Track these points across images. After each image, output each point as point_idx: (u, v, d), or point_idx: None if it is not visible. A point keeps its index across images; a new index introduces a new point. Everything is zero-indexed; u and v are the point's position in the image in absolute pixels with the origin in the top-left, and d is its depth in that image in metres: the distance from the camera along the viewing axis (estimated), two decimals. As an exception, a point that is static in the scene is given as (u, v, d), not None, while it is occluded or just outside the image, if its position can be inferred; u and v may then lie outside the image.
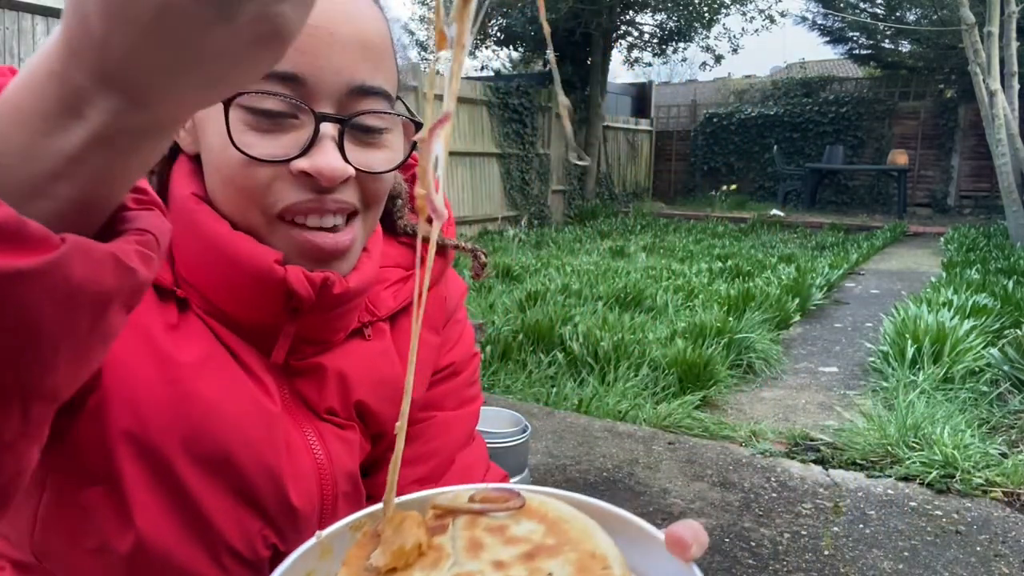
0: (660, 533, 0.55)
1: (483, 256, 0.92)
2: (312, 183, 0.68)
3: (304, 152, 0.67)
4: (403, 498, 0.56)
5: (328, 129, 0.68)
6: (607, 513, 0.58)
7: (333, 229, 0.71)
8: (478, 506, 0.55)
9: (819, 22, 18.03)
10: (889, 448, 3.11)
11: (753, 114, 18.18)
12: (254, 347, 0.75)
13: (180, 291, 0.73)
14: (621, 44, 15.51)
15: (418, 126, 0.75)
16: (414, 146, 0.75)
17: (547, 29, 0.46)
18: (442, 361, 0.92)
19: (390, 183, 0.76)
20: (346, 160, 0.69)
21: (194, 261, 0.72)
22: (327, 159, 0.67)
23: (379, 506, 0.54)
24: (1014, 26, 9.56)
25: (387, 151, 0.74)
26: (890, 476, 2.94)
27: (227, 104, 0.66)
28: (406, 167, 0.91)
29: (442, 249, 0.89)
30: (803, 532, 2.52)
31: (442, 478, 0.87)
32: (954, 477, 2.87)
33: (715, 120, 18.69)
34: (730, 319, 5.04)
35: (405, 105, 0.77)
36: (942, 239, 10.87)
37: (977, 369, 4.10)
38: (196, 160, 0.74)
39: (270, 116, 0.67)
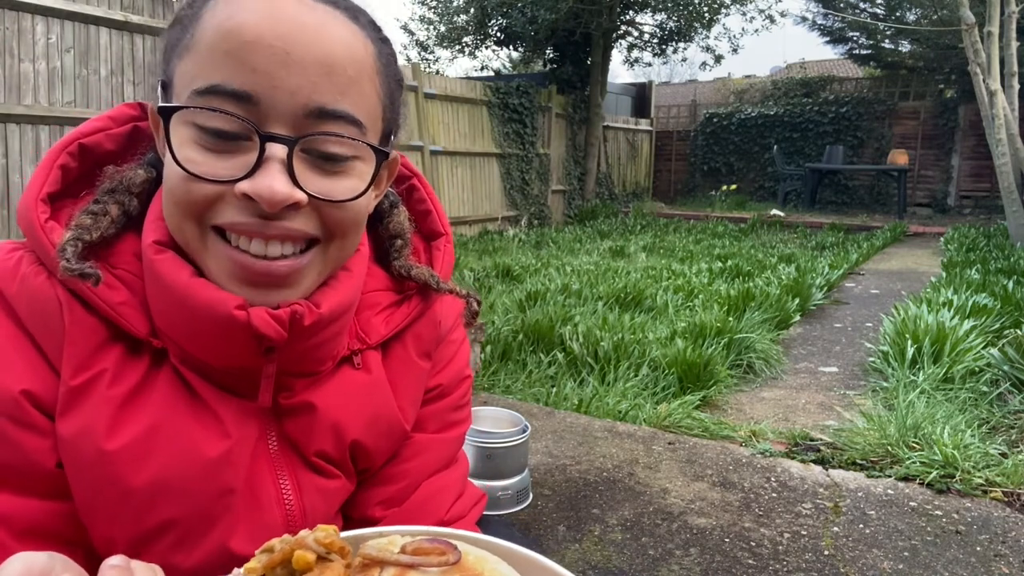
0: None
1: (476, 304, 0.89)
2: (256, 207, 0.65)
3: (249, 174, 0.64)
4: (344, 534, 0.54)
5: (276, 151, 0.64)
6: (548, 571, 0.55)
7: (279, 258, 0.67)
8: (407, 559, 0.51)
9: (819, 22, 18.03)
10: (889, 448, 3.11)
11: (753, 114, 18.18)
12: (237, 392, 0.73)
13: (157, 341, 0.71)
14: (621, 44, 15.51)
15: (381, 155, 0.71)
16: (375, 175, 0.71)
17: None
18: (430, 382, 0.88)
19: (359, 212, 0.72)
20: (297, 184, 0.65)
21: (163, 310, 0.69)
22: (268, 182, 0.63)
23: (294, 536, 0.52)
24: (1014, 26, 9.56)
25: (352, 179, 0.69)
26: (890, 476, 2.93)
27: (167, 117, 0.64)
28: (418, 201, 0.89)
29: (426, 288, 0.85)
30: (803, 532, 2.52)
31: (406, 500, 0.84)
32: (954, 477, 2.86)
33: (715, 120, 18.69)
34: (730, 319, 5.04)
35: (371, 145, 0.71)
36: (942, 239, 10.87)
37: (977, 369, 4.09)
38: None
39: (218, 136, 0.64)
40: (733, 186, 17.05)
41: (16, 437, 0.65)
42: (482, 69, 17.70)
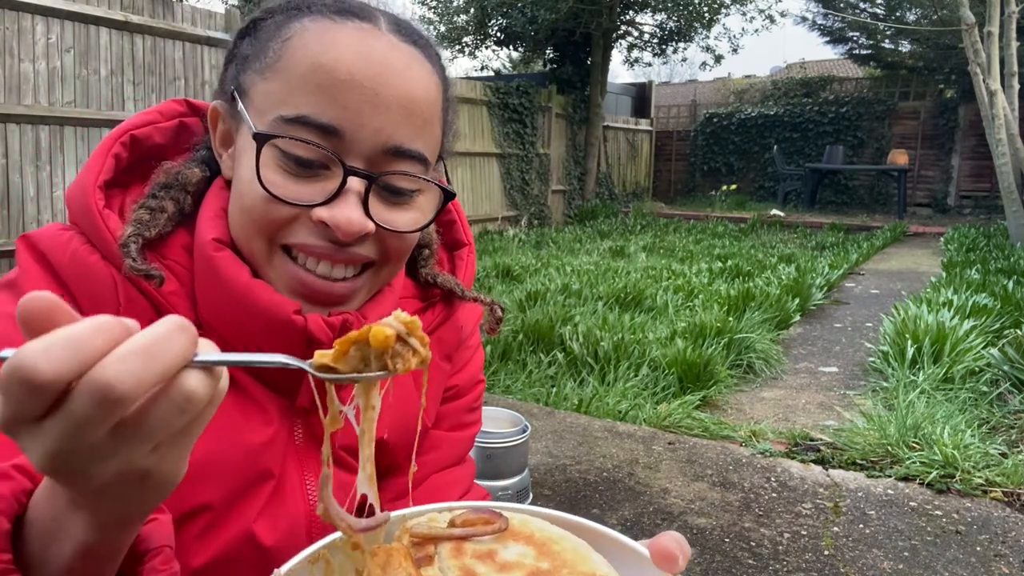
0: (643, 548, 0.54)
1: (500, 310, 0.92)
2: (328, 233, 0.69)
3: (327, 201, 0.68)
4: (386, 516, 0.53)
5: (355, 184, 0.69)
6: (588, 529, 0.56)
7: (340, 280, 0.71)
8: (460, 531, 0.52)
9: (819, 22, 18.04)
10: (889, 448, 3.11)
11: (753, 114, 18.18)
12: (274, 389, 0.75)
13: (201, 331, 0.72)
14: (621, 44, 15.51)
15: (448, 194, 0.77)
16: (440, 211, 0.77)
17: None
18: (448, 382, 0.92)
19: (413, 241, 0.77)
20: (368, 215, 0.69)
21: (214, 306, 0.72)
22: (347, 213, 0.68)
23: (336, 535, 0.52)
24: (1014, 26, 9.56)
25: (414, 212, 0.74)
26: (890, 476, 2.93)
27: (260, 142, 0.68)
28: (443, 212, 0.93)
29: (450, 295, 0.89)
30: (803, 532, 2.52)
31: (415, 490, 0.86)
32: (954, 477, 2.86)
33: (715, 120, 18.69)
34: (730, 319, 5.04)
35: (446, 168, 0.78)
36: (942, 239, 10.87)
37: (977, 369, 4.09)
38: (231, 185, 0.75)
39: (300, 163, 0.68)
40: (733, 186, 17.05)
41: None
42: (482, 69, 17.69)
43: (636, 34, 15.41)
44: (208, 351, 0.42)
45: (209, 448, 0.70)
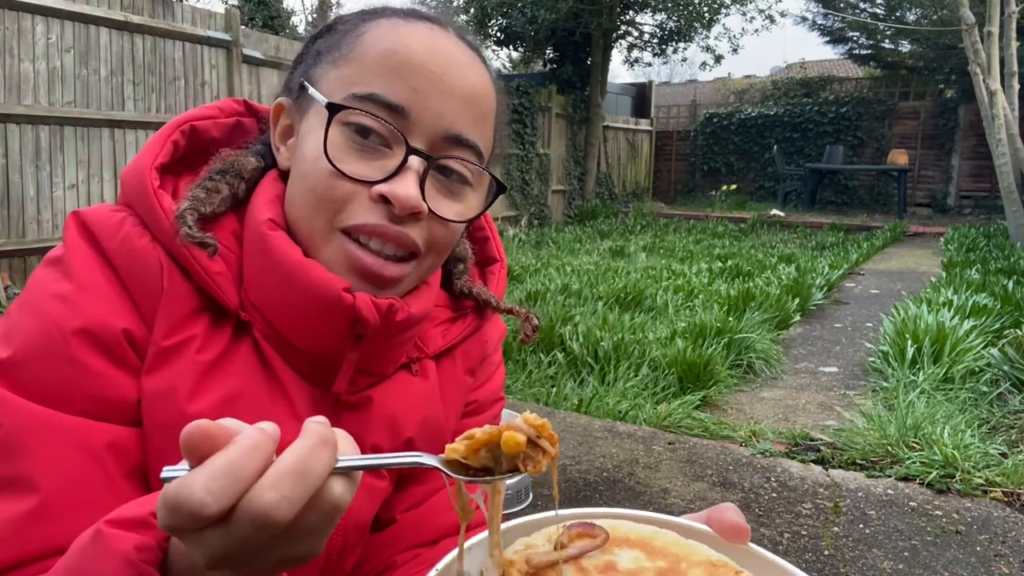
0: (706, 527, 0.56)
1: (535, 319, 0.94)
2: (386, 210, 0.71)
3: (388, 178, 0.70)
4: (471, 541, 0.54)
5: (415, 163, 0.71)
6: (651, 519, 0.57)
7: (391, 258, 0.73)
8: (575, 550, 0.53)
9: (819, 22, 18.04)
10: (889, 448, 3.11)
11: (753, 114, 18.18)
12: (308, 379, 0.76)
13: (244, 314, 0.75)
14: (621, 44, 15.51)
15: (501, 186, 0.80)
16: (489, 205, 0.80)
17: None
18: (468, 396, 0.93)
19: (456, 234, 0.78)
20: (424, 198, 0.71)
21: (263, 285, 0.74)
22: (406, 188, 0.70)
23: (453, 554, 0.53)
24: (1014, 26, 9.56)
25: (463, 204, 0.77)
26: (890, 476, 2.93)
27: (333, 112, 0.70)
28: (477, 228, 0.97)
29: (481, 308, 0.91)
30: (803, 532, 2.52)
31: (423, 504, 0.87)
32: (954, 477, 2.86)
33: (715, 120, 18.69)
34: (730, 319, 5.04)
35: (494, 176, 0.80)
36: (942, 239, 10.87)
37: (977, 369, 4.09)
38: (284, 178, 0.78)
39: (366, 135, 0.71)
40: (733, 186, 17.05)
41: (110, 373, 0.68)
42: (482, 69, 17.67)
43: (636, 34, 15.41)
44: (347, 452, 0.47)
45: None
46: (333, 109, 0.70)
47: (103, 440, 0.66)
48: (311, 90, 0.74)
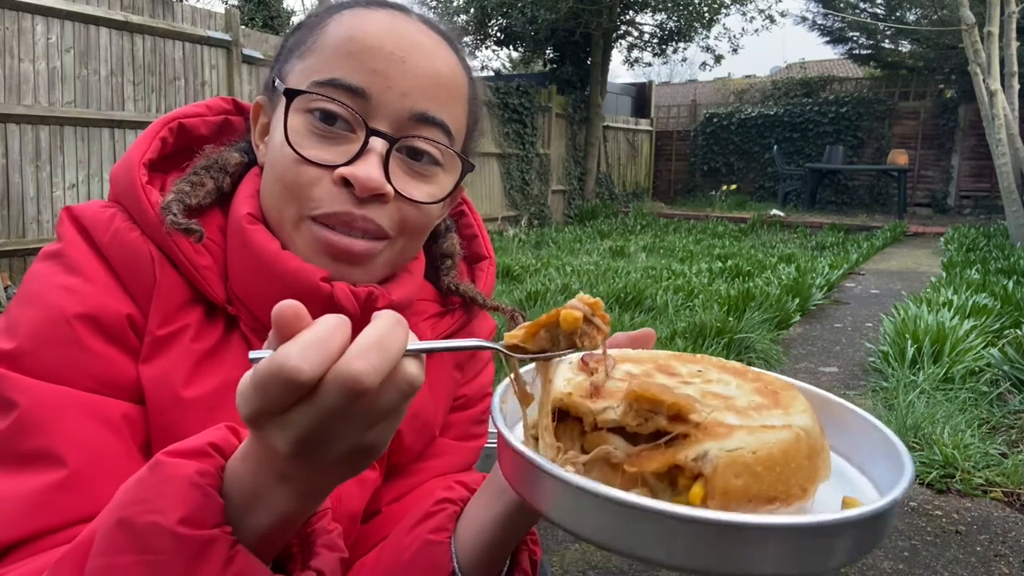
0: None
1: (521, 318, 0.94)
2: (349, 196, 0.71)
3: (350, 161, 0.71)
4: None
5: (377, 145, 0.71)
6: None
7: (360, 239, 0.73)
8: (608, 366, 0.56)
9: (819, 22, 18.03)
10: (889, 448, 3.11)
11: (753, 114, 18.17)
12: None
13: (231, 308, 0.76)
14: (621, 44, 15.51)
15: (467, 164, 0.79)
16: (457, 185, 0.80)
17: None
18: (457, 391, 0.93)
19: (430, 217, 0.79)
20: (388, 180, 0.72)
21: (246, 278, 0.75)
22: (367, 170, 0.70)
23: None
24: (1014, 26, 9.56)
25: (434, 186, 0.77)
26: (890, 476, 2.93)
27: (290, 98, 0.71)
28: (465, 226, 0.97)
29: (469, 304, 0.92)
30: (803, 532, 2.52)
31: (406, 496, 0.87)
32: (954, 477, 2.86)
33: (715, 120, 18.68)
34: (730, 319, 5.04)
35: (460, 155, 0.79)
36: (942, 239, 10.87)
37: (977, 369, 4.09)
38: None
39: (331, 121, 0.71)
40: (733, 186, 17.04)
41: (114, 356, 0.70)
42: (482, 69, 17.71)
43: (636, 34, 15.41)
44: (415, 340, 0.49)
45: (234, 420, 0.73)
46: (290, 95, 0.71)
47: (119, 412, 0.68)
48: (277, 82, 0.76)
